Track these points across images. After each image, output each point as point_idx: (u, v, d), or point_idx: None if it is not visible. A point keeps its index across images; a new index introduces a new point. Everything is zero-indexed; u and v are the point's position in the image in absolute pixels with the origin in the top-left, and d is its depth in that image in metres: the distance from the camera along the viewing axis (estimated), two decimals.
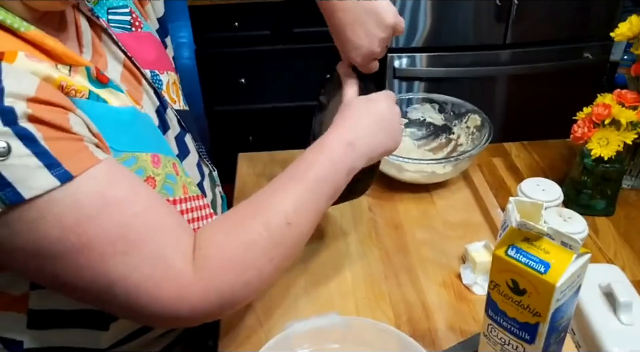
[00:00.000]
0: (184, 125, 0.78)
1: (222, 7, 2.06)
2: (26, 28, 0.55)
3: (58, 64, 0.57)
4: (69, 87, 0.56)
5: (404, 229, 0.95)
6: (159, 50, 0.79)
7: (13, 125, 0.48)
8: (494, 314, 0.65)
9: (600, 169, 0.93)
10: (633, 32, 0.97)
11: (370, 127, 0.70)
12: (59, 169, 0.50)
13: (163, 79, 0.76)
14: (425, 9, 1.92)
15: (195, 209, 0.71)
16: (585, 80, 2.11)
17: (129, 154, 0.61)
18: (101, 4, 0.71)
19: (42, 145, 0.50)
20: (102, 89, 0.61)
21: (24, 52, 0.53)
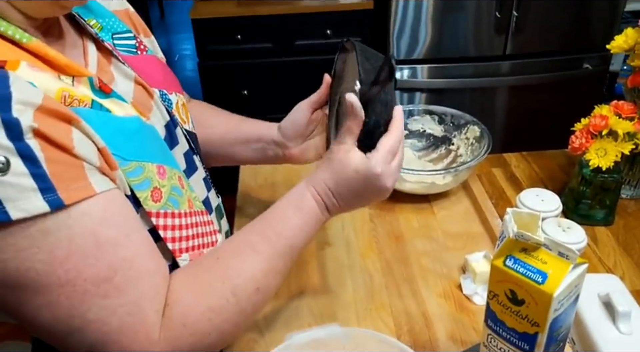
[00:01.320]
0: (193, 147, 0.78)
1: (225, 20, 2.09)
2: (28, 39, 0.55)
3: (61, 75, 0.57)
4: (71, 97, 0.56)
5: (405, 240, 0.96)
6: (165, 71, 0.79)
7: (17, 141, 0.48)
8: (493, 324, 0.66)
9: (599, 179, 0.94)
10: (629, 44, 0.98)
11: (354, 196, 0.69)
12: (52, 195, 0.50)
13: (172, 99, 0.76)
14: (426, 21, 1.94)
15: (200, 224, 0.71)
16: (585, 91, 2.12)
17: (136, 164, 0.61)
18: (105, 30, 0.72)
19: (42, 167, 0.49)
20: (106, 99, 0.61)
21: (27, 62, 0.54)
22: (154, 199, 0.63)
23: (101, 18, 0.72)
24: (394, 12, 1.92)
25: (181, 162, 0.73)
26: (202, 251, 0.71)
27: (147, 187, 0.62)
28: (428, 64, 2.02)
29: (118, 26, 0.74)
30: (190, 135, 0.78)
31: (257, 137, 0.91)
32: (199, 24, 2.10)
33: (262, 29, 2.11)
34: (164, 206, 0.64)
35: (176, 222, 0.66)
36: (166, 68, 0.81)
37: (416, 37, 1.97)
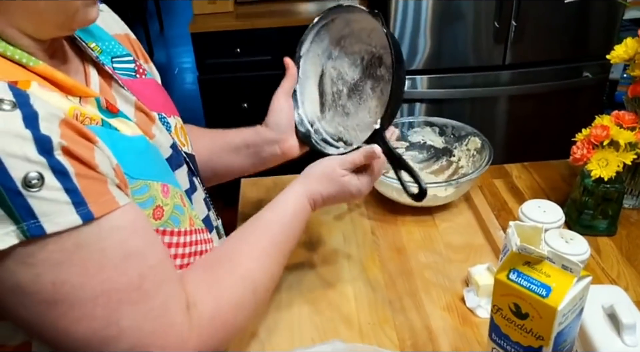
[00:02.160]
0: (193, 169, 0.79)
1: (224, 34, 2.10)
2: (35, 62, 0.56)
3: (68, 95, 0.58)
4: (83, 115, 0.57)
5: (407, 253, 0.96)
6: (164, 95, 0.80)
7: (48, 156, 0.49)
8: (497, 338, 0.66)
9: (601, 189, 0.94)
10: (629, 54, 0.98)
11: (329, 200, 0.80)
12: (84, 208, 0.51)
13: (171, 122, 0.77)
14: (425, 31, 1.95)
15: (199, 242, 0.72)
16: (586, 99, 2.13)
17: (142, 182, 0.62)
18: (105, 53, 0.73)
19: (73, 181, 0.50)
20: (113, 119, 0.62)
21: (37, 82, 0.55)
22: (155, 217, 0.63)
23: (101, 41, 0.73)
24: (392, 23, 1.93)
25: (184, 182, 0.74)
26: None
27: (150, 205, 0.63)
28: (427, 75, 2.03)
29: (118, 50, 0.75)
30: (190, 158, 0.79)
31: (244, 143, 0.92)
32: (198, 38, 2.11)
33: (261, 42, 2.12)
34: (163, 223, 0.65)
35: (174, 240, 0.67)
36: (164, 91, 0.82)
37: (415, 48, 1.98)
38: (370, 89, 0.89)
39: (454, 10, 1.91)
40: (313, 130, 0.92)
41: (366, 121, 0.89)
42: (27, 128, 0.48)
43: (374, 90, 0.89)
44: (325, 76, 0.93)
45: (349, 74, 0.91)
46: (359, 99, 0.91)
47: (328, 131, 0.93)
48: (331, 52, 0.93)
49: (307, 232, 1.02)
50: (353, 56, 0.91)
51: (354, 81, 0.91)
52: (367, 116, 0.89)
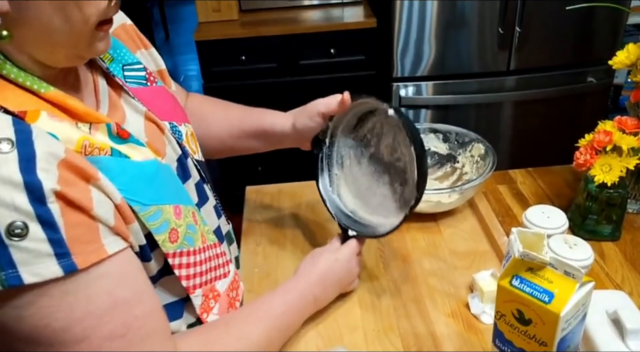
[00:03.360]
0: (203, 176, 0.80)
1: (229, 42, 2.11)
2: (46, 89, 0.57)
3: (78, 123, 0.58)
4: (92, 146, 0.57)
5: (412, 260, 0.96)
6: (174, 103, 0.80)
7: (38, 205, 0.49)
8: (501, 344, 0.66)
9: (605, 194, 0.94)
10: (630, 60, 0.99)
11: (333, 286, 0.84)
12: (67, 260, 0.51)
13: (182, 130, 0.77)
14: (430, 38, 1.96)
15: (212, 258, 0.73)
16: (590, 104, 2.13)
17: (155, 208, 0.61)
18: (116, 61, 0.73)
19: (60, 232, 0.50)
20: (123, 145, 0.62)
21: (46, 112, 0.55)
22: (171, 240, 0.64)
23: (112, 49, 0.73)
24: (397, 30, 1.94)
25: (193, 195, 0.74)
26: (214, 284, 0.72)
27: (165, 229, 0.63)
28: (432, 81, 2.04)
29: (129, 58, 0.75)
30: (200, 165, 0.79)
31: (268, 131, 0.93)
32: (203, 46, 2.13)
33: (266, 50, 2.13)
34: (180, 245, 0.65)
35: (191, 260, 0.67)
36: (174, 99, 0.81)
37: (420, 55, 1.99)
38: (388, 183, 0.88)
39: (459, 17, 1.92)
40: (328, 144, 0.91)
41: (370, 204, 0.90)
42: (21, 172, 0.48)
43: (391, 185, 0.88)
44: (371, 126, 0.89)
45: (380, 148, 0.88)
46: (375, 178, 0.90)
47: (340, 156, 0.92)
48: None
49: (312, 239, 1.03)
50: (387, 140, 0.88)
51: (387, 160, 0.88)
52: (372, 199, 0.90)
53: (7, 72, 0.55)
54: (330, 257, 0.83)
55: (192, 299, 0.69)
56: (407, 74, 2.02)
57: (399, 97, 2.04)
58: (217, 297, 0.73)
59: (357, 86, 2.21)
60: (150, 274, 0.64)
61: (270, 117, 0.93)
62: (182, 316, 0.70)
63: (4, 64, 0.55)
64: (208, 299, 0.71)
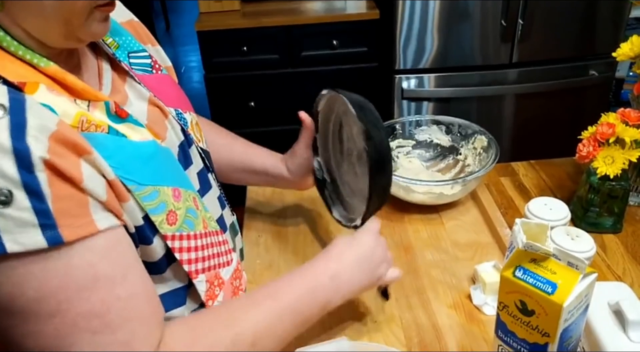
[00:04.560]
0: (208, 164, 0.79)
1: (230, 32, 2.10)
2: (46, 63, 0.56)
3: (77, 100, 0.58)
4: (89, 122, 0.56)
5: (414, 251, 0.96)
6: (179, 91, 0.80)
7: (25, 173, 0.48)
8: (503, 335, 0.66)
9: (607, 187, 0.94)
10: (634, 52, 0.99)
11: (353, 264, 0.73)
12: (53, 232, 0.50)
13: (187, 118, 0.77)
14: (433, 30, 1.95)
15: (215, 244, 0.72)
16: (592, 97, 2.12)
17: (151, 188, 0.60)
18: (122, 48, 0.73)
19: (46, 202, 0.49)
20: (121, 124, 0.61)
21: (45, 85, 0.54)
22: (169, 222, 0.63)
23: (117, 36, 0.73)
24: (399, 22, 1.93)
25: (195, 182, 0.74)
26: (218, 271, 0.72)
27: (163, 211, 0.62)
28: (435, 73, 2.03)
29: (134, 45, 0.75)
30: (205, 154, 0.79)
31: (263, 169, 0.94)
32: (205, 36, 2.12)
33: (268, 40, 2.13)
34: (179, 228, 0.64)
35: (192, 244, 0.66)
36: (179, 88, 0.81)
37: (422, 47, 1.98)
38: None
39: (461, 9, 1.91)
40: (329, 180, 0.92)
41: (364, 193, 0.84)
42: (11, 138, 0.47)
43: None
44: (344, 129, 0.89)
45: (357, 141, 0.85)
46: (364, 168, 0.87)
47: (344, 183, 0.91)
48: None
49: (314, 231, 1.03)
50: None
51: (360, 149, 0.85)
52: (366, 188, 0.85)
53: (7, 45, 0.55)
54: (347, 237, 0.76)
55: (195, 285, 0.68)
56: (409, 66, 2.02)
57: (402, 89, 2.04)
58: (221, 285, 0.73)
59: (359, 78, 2.20)
60: (155, 258, 0.63)
61: (270, 156, 0.96)
62: (185, 303, 0.70)
63: (5, 36, 0.55)
64: (213, 286, 0.71)
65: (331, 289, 0.71)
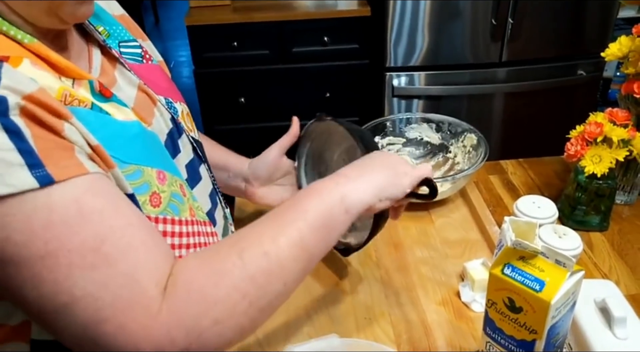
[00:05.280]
0: (200, 155, 0.78)
1: (221, 27, 2.09)
2: (30, 40, 0.55)
3: (61, 77, 0.57)
4: (72, 96, 0.55)
5: (404, 248, 0.97)
6: (169, 81, 0.80)
7: (2, 117, 0.46)
8: (491, 332, 0.67)
9: (594, 185, 0.95)
10: (622, 52, 1.00)
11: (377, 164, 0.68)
12: (41, 171, 0.47)
13: (177, 107, 0.76)
14: (423, 28, 1.96)
15: (202, 234, 0.70)
16: (580, 97, 2.14)
17: (135, 167, 0.59)
18: (112, 37, 0.73)
19: (28, 142, 0.47)
20: (106, 103, 0.61)
21: (29, 60, 0.53)
22: (152, 204, 0.61)
23: (108, 25, 0.73)
24: (391, 19, 1.93)
25: (182, 171, 0.73)
26: None
27: (146, 192, 0.60)
28: (425, 71, 2.04)
29: (125, 35, 0.75)
30: (197, 144, 0.78)
31: (224, 165, 0.94)
32: (194, 31, 2.10)
33: (259, 36, 2.12)
34: (163, 211, 0.63)
35: (176, 229, 0.65)
36: (169, 78, 0.81)
37: (413, 44, 1.99)
38: None
39: (452, 8, 1.92)
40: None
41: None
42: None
43: None
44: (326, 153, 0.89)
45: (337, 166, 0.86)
46: None
47: None
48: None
49: None
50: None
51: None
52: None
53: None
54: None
55: None
56: (400, 63, 2.02)
57: (392, 87, 2.04)
58: None
59: (349, 75, 2.20)
60: None
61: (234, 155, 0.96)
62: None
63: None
64: None
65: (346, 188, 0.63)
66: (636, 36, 0.99)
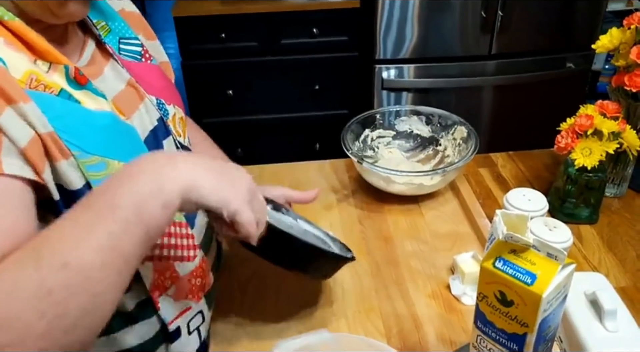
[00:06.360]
0: None
1: (209, 19, 2.07)
2: (10, 18, 0.55)
3: (37, 60, 0.57)
4: (38, 80, 0.55)
5: (394, 242, 0.96)
6: (166, 83, 0.79)
7: None
8: (482, 325, 0.66)
9: (584, 178, 0.95)
10: (613, 44, 0.99)
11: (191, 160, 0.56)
12: None
13: (169, 109, 0.75)
14: (413, 20, 1.95)
15: (175, 235, 0.69)
16: (568, 89, 2.15)
17: (99, 158, 0.58)
18: (113, 33, 0.72)
19: None
20: (79, 91, 0.60)
21: (4, 39, 0.53)
22: None
23: (111, 21, 0.73)
24: (380, 11, 1.92)
25: None
26: (172, 263, 0.68)
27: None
28: (414, 64, 2.03)
29: (126, 31, 0.74)
30: (185, 150, 0.77)
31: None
32: (182, 22, 2.08)
33: (247, 28, 2.10)
34: None
35: None
36: (168, 80, 0.80)
37: (402, 36, 1.97)
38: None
39: (441, 0, 1.91)
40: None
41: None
42: None
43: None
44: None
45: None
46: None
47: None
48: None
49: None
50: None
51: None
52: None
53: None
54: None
55: (139, 271, 0.64)
56: (389, 56, 2.01)
57: (382, 79, 2.03)
58: (175, 279, 0.69)
59: (338, 67, 2.19)
60: None
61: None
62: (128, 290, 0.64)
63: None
64: (164, 278, 0.67)
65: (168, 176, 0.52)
66: (627, 28, 0.98)
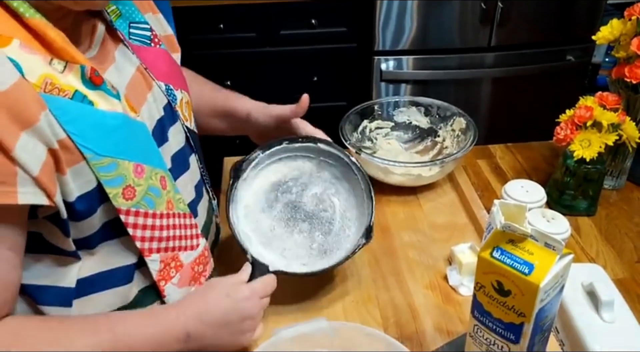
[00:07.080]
0: (192, 145, 0.78)
1: (207, 9, 2.06)
2: (31, 15, 0.55)
3: (53, 59, 0.57)
4: (53, 84, 0.55)
5: (392, 232, 0.96)
6: (175, 68, 0.79)
7: None
8: (479, 315, 0.66)
9: (583, 170, 0.95)
10: (614, 35, 0.99)
11: (217, 327, 0.66)
12: None
13: (177, 95, 0.76)
14: (412, 12, 1.93)
15: (179, 227, 0.70)
16: (568, 82, 2.14)
17: (110, 160, 0.60)
18: (124, 17, 0.72)
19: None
20: (93, 91, 0.60)
21: (20, 41, 0.53)
22: (125, 197, 0.62)
23: (122, 5, 0.73)
24: (379, 2, 1.91)
25: (167, 161, 0.72)
26: (177, 254, 0.70)
27: (119, 184, 0.61)
28: (413, 55, 2.02)
29: (137, 16, 0.74)
30: (191, 134, 0.78)
31: (230, 111, 0.94)
32: (180, 12, 2.06)
33: (246, 18, 2.09)
34: (136, 204, 0.63)
35: (149, 222, 0.65)
36: (176, 66, 0.80)
37: (401, 28, 1.96)
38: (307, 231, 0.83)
39: None
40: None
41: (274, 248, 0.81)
42: None
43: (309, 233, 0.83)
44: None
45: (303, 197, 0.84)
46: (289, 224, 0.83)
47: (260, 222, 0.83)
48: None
49: None
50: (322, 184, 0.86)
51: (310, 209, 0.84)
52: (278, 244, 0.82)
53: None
54: (223, 290, 0.68)
55: (147, 263, 0.67)
56: (388, 47, 2.00)
57: (380, 71, 2.03)
58: (179, 268, 0.71)
59: (337, 58, 2.18)
60: (86, 233, 0.62)
61: (235, 100, 0.95)
62: (132, 280, 0.68)
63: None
64: (169, 267, 0.70)
65: (182, 346, 0.64)
66: (627, 19, 0.98)
